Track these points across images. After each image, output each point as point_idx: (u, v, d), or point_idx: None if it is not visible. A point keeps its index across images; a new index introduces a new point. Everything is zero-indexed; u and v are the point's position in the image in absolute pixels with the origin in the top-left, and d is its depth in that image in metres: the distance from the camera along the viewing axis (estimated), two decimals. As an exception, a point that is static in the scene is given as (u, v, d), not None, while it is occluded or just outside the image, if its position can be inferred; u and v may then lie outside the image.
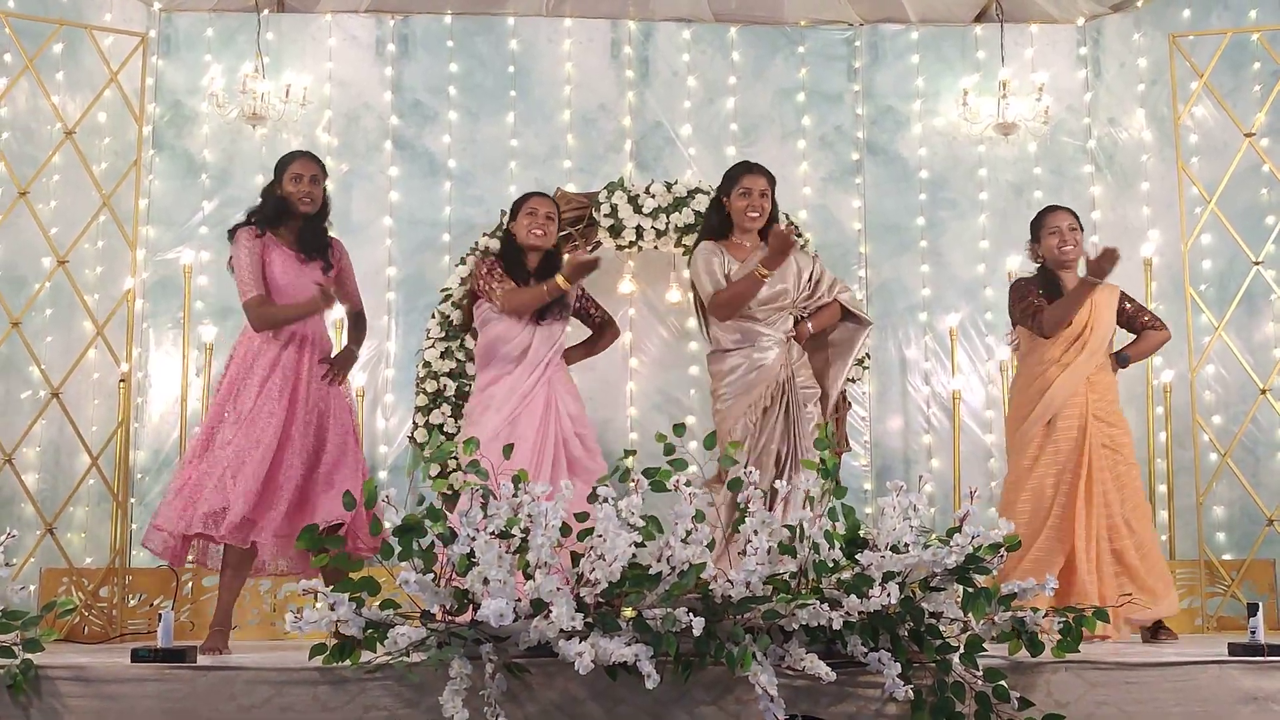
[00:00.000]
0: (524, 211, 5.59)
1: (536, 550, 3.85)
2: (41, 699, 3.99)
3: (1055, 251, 5.72)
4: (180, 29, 7.78)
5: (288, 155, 5.56)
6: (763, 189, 5.58)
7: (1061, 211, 5.82)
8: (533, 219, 5.55)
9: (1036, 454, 5.66)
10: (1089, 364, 5.65)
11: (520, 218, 5.60)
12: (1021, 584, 4.13)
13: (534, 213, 5.57)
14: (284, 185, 5.42)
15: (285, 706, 3.96)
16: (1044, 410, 5.64)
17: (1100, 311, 5.71)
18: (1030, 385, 5.74)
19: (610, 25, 7.99)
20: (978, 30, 8.07)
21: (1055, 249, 5.72)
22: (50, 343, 6.75)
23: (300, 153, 5.59)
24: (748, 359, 5.48)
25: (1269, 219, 6.86)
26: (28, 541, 6.23)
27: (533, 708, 3.94)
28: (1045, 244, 5.77)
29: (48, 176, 6.73)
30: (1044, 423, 5.65)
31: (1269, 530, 6.52)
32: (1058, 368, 5.65)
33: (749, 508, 4.07)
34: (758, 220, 5.56)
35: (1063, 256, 5.72)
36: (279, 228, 5.39)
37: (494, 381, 5.43)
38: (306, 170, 5.43)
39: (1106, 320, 5.72)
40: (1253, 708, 4.15)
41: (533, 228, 5.54)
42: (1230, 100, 6.94)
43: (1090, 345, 5.65)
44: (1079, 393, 5.63)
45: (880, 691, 3.96)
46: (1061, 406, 5.62)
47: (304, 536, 3.99)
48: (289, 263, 5.36)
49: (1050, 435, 5.64)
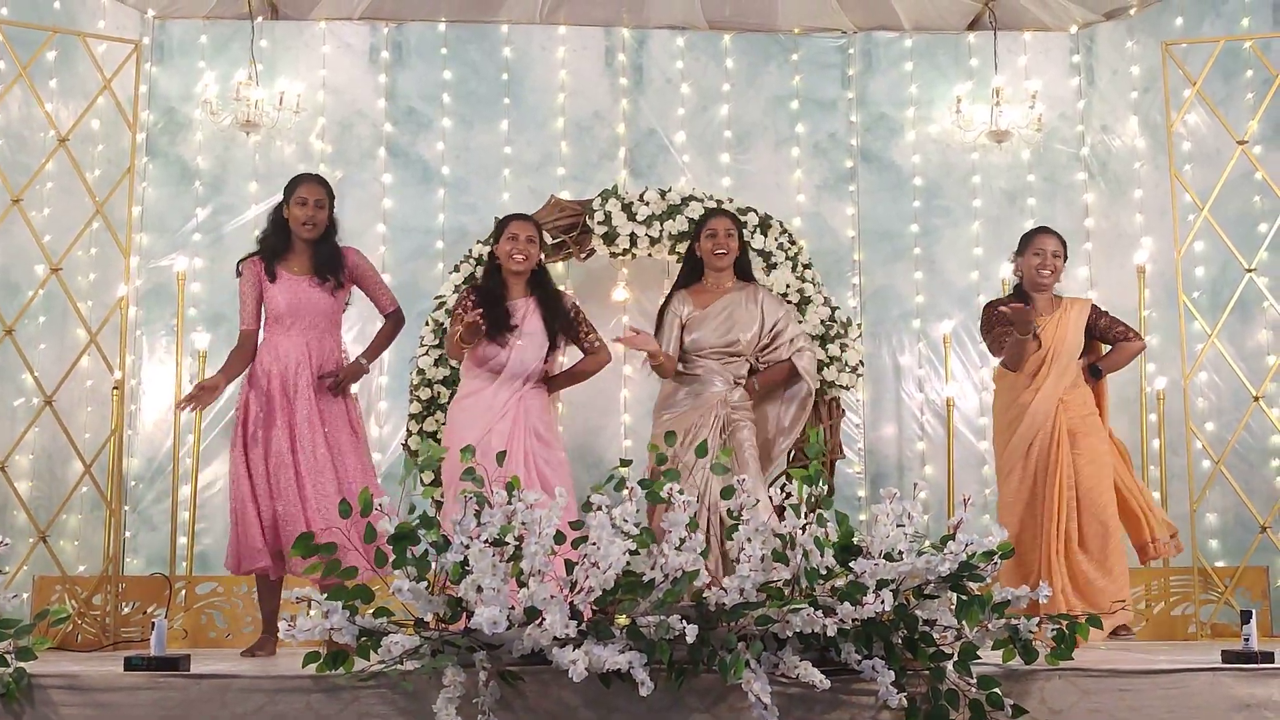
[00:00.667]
0: (505, 236, 5.81)
1: (530, 558, 3.85)
2: (34, 707, 3.98)
3: (1034, 273, 5.91)
4: (174, 36, 7.78)
5: (295, 179, 5.68)
6: (728, 229, 6.08)
7: (1050, 236, 5.95)
8: (514, 244, 5.76)
9: (1020, 478, 5.81)
10: (1059, 385, 5.79)
11: (502, 242, 5.82)
12: (1014, 591, 4.13)
13: (515, 238, 5.77)
14: (290, 208, 5.55)
15: (278, 715, 3.95)
16: (1023, 438, 5.80)
17: (1066, 330, 5.82)
18: (1010, 407, 5.89)
19: (604, 32, 8.00)
20: (971, 38, 8.09)
21: (1034, 270, 5.91)
22: (43, 350, 6.73)
23: (307, 177, 5.69)
24: (691, 390, 5.97)
25: (1261, 226, 6.87)
26: (21, 549, 6.21)
27: (526, 716, 3.93)
28: (1027, 262, 5.92)
29: (41, 184, 6.72)
30: (1025, 447, 5.79)
31: (1262, 537, 6.53)
32: (1030, 391, 5.80)
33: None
34: (725, 258, 6.05)
35: (1039, 279, 5.90)
36: (286, 254, 5.56)
37: (472, 393, 5.65)
38: (311, 195, 5.55)
39: (1072, 339, 5.83)
40: (1245, 715, 4.15)
41: (514, 253, 5.75)
42: (1223, 108, 6.96)
43: (1058, 365, 5.79)
44: (1051, 415, 5.76)
45: (874, 699, 3.95)
46: (1036, 430, 5.77)
47: (298, 546, 3.98)
48: (297, 286, 5.51)
49: (1027, 459, 5.79)
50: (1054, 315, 5.88)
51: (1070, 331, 5.83)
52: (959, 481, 7.21)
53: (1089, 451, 5.79)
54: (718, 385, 5.94)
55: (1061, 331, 5.81)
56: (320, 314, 5.54)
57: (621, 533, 3.93)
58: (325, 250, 5.59)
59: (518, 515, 3.92)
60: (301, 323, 5.49)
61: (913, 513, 4.17)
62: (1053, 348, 5.79)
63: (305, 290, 5.51)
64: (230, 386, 5.66)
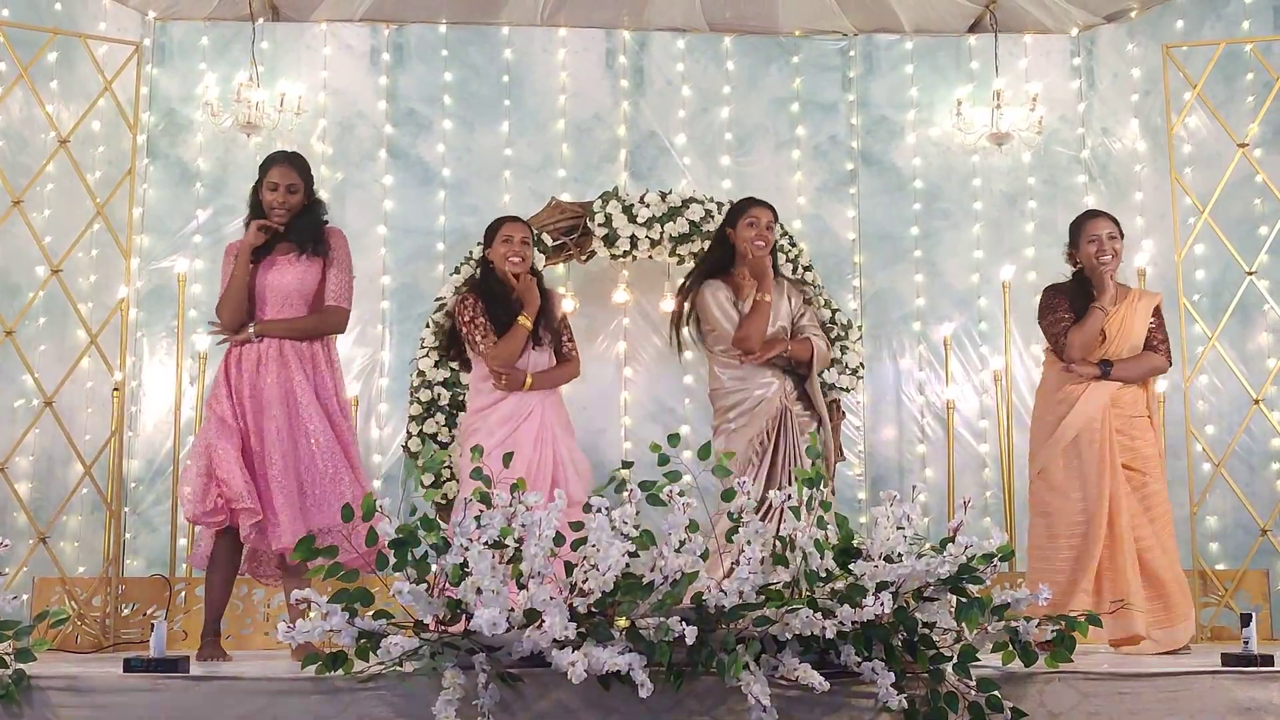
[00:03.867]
0: (499, 239, 5.72)
1: (530, 560, 3.85)
2: (33, 709, 3.97)
3: (1093, 260, 5.53)
4: (175, 38, 7.78)
5: (268, 159, 5.53)
6: (769, 221, 5.84)
7: (1103, 218, 5.64)
8: (509, 246, 5.69)
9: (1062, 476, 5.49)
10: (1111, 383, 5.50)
11: (496, 245, 5.72)
12: (1015, 594, 4.12)
13: (509, 240, 5.70)
14: (262, 191, 5.43)
15: (278, 717, 3.94)
16: (1070, 426, 5.46)
17: (1133, 322, 5.56)
18: (1054, 394, 5.57)
19: (605, 35, 8.00)
20: (972, 40, 8.09)
21: (1094, 257, 5.53)
22: (43, 351, 6.73)
23: (279, 157, 5.52)
24: (749, 395, 5.74)
25: (1262, 229, 6.87)
26: (20, 551, 6.21)
27: (525, 718, 3.93)
28: (1083, 251, 5.57)
29: (42, 185, 6.72)
30: (1065, 443, 5.48)
31: (1262, 540, 6.53)
32: (1080, 384, 5.48)
33: (743, 517, 4.08)
34: (763, 250, 5.79)
35: (1101, 266, 5.52)
36: None
37: (494, 404, 5.56)
38: (283, 180, 5.40)
39: (1138, 331, 5.55)
40: (1245, 718, 4.15)
41: (510, 255, 5.68)
42: (1223, 111, 6.96)
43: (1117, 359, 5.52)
44: (1101, 412, 5.45)
45: (873, 701, 3.95)
46: (1083, 427, 5.46)
47: (301, 548, 3.97)
48: (280, 264, 5.37)
49: (1073, 457, 5.47)
50: (1122, 305, 5.56)
51: (1137, 323, 5.53)
52: (959, 484, 7.21)
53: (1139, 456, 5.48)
54: (774, 383, 5.75)
55: (1128, 324, 5.53)
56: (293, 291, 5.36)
57: (621, 534, 3.92)
58: (302, 223, 5.40)
59: (518, 517, 3.92)
60: (277, 301, 5.34)
61: (912, 515, 4.18)
62: (1116, 339, 5.51)
63: (278, 267, 5.36)
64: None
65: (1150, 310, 5.63)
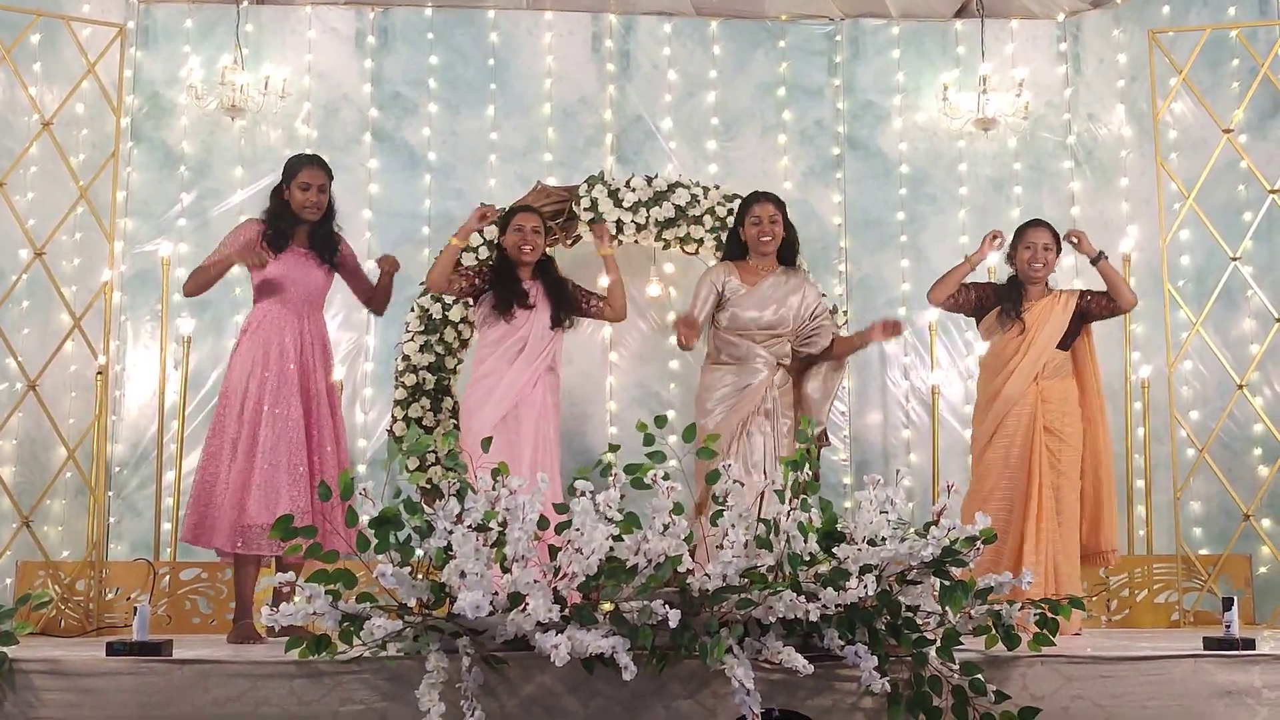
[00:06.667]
0: (511, 228, 5.95)
1: (514, 543, 3.86)
2: (16, 692, 3.98)
3: (1025, 266, 5.93)
4: (159, 20, 7.74)
5: (296, 160, 5.69)
6: (771, 215, 6.02)
7: (1042, 228, 5.97)
8: (520, 235, 5.90)
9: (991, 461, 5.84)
10: (1033, 368, 5.81)
11: (509, 234, 5.94)
12: (998, 578, 4.14)
13: (521, 229, 5.92)
14: (291, 191, 5.56)
15: (261, 700, 3.95)
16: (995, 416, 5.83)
17: (1048, 317, 5.86)
18: (987, 395, 5.94)
19: (591, 18, 7.98)
20: (958, 25, 8.08)
21: (1026, 263, 5.92)
22: (27, 335, 6.70)
23: (308, 159, 5.70)
24: (737, 378, 5.90)
25: (1246, 215, 6.89)
26: (3, 534, 6.20)
27: (510, 701, 3.94)
28: (1019, 256, 5.96)
29: (25, 168, 6.68)
30: (995, 425, 5.83)
31: (1245, 525, 6.56)
32: (1003, 376, 5.86)
33: (727, 501, 4.09)
34: (770, 244, 6.02)
35: (1031, 273, 5.92)
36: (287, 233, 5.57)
37: (490, 374, 5.74)
38: (314, 180, 5.58)
39: (1051, 326, 5.85)
40: (1227, 701, 4.18)
41: (521, 244, 5.88)
42: (1209, 96, 6.97)
43: (1034, 351, 5.82)
44: (1029, 402, 5.78)
45: (857, 685, 3.97)
46: (1009, 408, 5.79)
47: (278, 527, 3.97)
48: (296, 261, 5.55)
49: (998, 440, 5.82)
50: (1046, 299, 5.92)
51: (1052, 319, 5.85)
52: (944, 469, 7.21)
53: (1058, 453, 5.77)
54: (761, 370, 5.90)
55: (1043, 318, 5.85)
56: (317, 290, 5.62)
57: (605, 518, 3.93)
58: (323, 231, 5.65)
59: (501, 501, 3.92)
60: (299, 297, 5.53)
61: (896, 499, 4.19)
62: (1032, 332, 5.83)
63: (305, 266, 5.56)
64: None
65: (1068, 309, 5.90)
